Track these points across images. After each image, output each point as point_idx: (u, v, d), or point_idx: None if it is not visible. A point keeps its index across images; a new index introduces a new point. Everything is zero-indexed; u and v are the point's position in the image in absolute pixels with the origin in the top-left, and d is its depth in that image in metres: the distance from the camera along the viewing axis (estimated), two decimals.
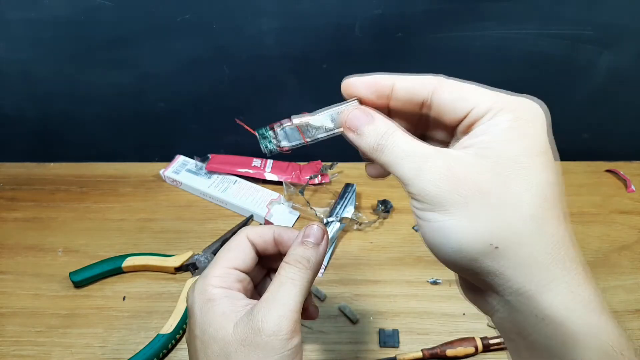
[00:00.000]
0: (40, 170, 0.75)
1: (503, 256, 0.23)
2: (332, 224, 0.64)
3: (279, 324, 0.28)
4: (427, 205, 0.24)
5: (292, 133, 0.30)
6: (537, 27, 0.63)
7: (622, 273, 0.61)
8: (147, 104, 0.72)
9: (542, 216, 0.23)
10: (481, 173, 0.24)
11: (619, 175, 0.75)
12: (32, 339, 0.53)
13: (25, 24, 0.62)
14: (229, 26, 0.63)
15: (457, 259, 0.24)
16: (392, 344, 0.53)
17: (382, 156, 0.26)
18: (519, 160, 0.24)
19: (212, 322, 0.29)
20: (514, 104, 0.25)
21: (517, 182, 0.23)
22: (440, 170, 0.24)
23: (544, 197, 0.24)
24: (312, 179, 0.71)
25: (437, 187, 0.24)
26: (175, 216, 0.68)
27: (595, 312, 0.23)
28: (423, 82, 0.27)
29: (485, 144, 0.24)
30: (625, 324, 0.55)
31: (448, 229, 0.24)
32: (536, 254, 0.23)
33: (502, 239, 0.23)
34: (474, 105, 0.25)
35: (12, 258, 0.62)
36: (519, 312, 0.24)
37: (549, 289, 0.23)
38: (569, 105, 0.73)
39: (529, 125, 0.24)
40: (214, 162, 0.73)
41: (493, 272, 0.24)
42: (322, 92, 0.75)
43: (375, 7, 0.60)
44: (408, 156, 0.25)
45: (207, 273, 0.32)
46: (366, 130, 0.27)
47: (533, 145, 0.24)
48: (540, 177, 0.24)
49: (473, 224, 0.23)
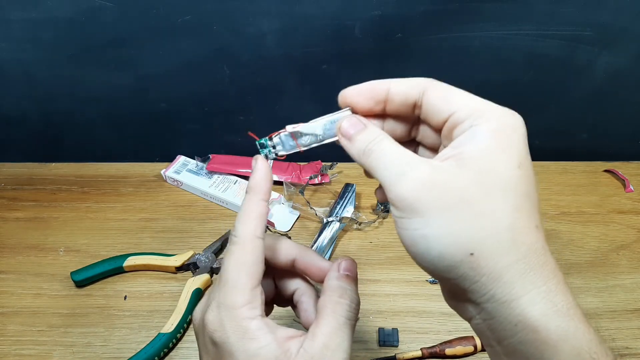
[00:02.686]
0: (41, 170, 0.75)
1: (480, 264, 0.24)
2: (332, 224, 0.64)
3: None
4: (406, 213, 0.25)
5: (287, 141, 0.32)
6: (536, 27, 0.64)
7: (621, 273, 0.61)
8: (148, 105, 0.72)
9: (518, 226, 0.24)
10: (462, 183, 0.24)
11: (618, 175, 0.75)
12: (33, 338, 0.54)
13: (27, 24, 0.62)
14: (230, 27, 0.63)
15: (436, 266, 0.25)
16: (392, 343, 0.53)
17: (368, 160, 0.27)
18: (499, 171, 0.24)
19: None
20: (496, 112, 0.25)
21: (496, 193, 0.24)
22: (422, 177, 0.24)
23: (521, 208, 0.24)
24: (312, 179, 0.72)
25: (417, 194, 0.24)
26: (176, 216, 0.68)
27: (568, 318, 0.24)
28: (415, 83, 0.28)
29: (466, 154, 0.25)
30: (624, 323, 0.55)
31: (427, 237, 0.24)
32: (512, 262, 0.24)
33: (479, 247, 0.24)
34: (456, 108, 0.26)
35: (13, 257, 0.62)
36: (495, 318, 0.25)
37: (523, 296, 0.24)
38: (567, 106, 0.73)
39: (511, 136, 0.25)
40: (214, 162, 0.73)
41: (470, 280, 0.24)
42: (322, 93, 0.76)
43: (375, 8, 0.61)
44: (392, 162, 0.26)
45: (232, 299, 0.28)
46: (358, 137, 0.28)
47: (513, 156, 0.25)
48: (518, 189, 0.24)
49: (452, 233, 0.24)
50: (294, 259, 0.33)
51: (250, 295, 0.28)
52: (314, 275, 0.33)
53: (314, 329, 0.29)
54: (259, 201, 0.30)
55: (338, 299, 0.30)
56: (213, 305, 0.29)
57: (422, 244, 0.25)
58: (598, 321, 0.56)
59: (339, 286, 0.31)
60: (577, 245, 0.65)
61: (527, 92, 0.71)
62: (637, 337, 0.54)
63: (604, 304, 0.58)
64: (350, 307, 0.30)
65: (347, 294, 0.30)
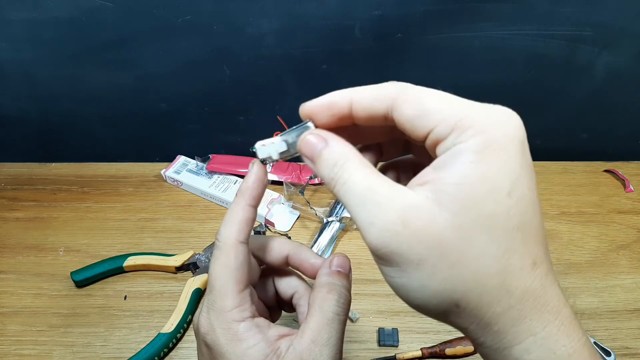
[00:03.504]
0: (41, 170, 0.75)
1: (466, 314, 0.22)
2: (332, 224, 0.64)
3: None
4: (381, 260, 0.23)
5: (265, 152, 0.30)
6: (536, 27, 0.64)
7: (621, 272, 0.61)
8: (148, 105, 0.72)
9: (509, 270, 0.21)
10: (438, 226, 0.21)
11: (618, 175, 0.75)
12: (33, 338, 0.54)
13: (27, 24, 0.62)
14: (230, 27, 0.63)
15: (424, 312, 0.23)
16: (392, 343, 0.53)
17: (337, 192, 0.24)
18: (482, 207, 0.21)
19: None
20: (484, 122, 0.21)
21: (480, 236, 0.21)
22: (394, 224, 0.21)
23: (513, 247, 0.21)
24: (312, 179, 0.72)
25: (390, 245, 0.21)
26: (176, 216, 0.68)
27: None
28: (380, 95, 0.24)
29: (445, 185, 0.21)
30: (623, 323, 0.55)
31: (407, 286, 0.22)
32: (503, 310, 0.21)
33: (464, 299, 0.21)
34: (435, 124, 0.22)
35: (13, 257, 0.62)
36: (489, 358, 0.24)
37: (515, 346, 0.22)
38: (567, 106, 0.74)
39: (499, 154, 0.21)
40: (214, 162, 0.73)
41: (460, 326, 0.23)
42: (321, 93, 0.75)
43: (375, 8, 0.61)
44: (359, 202, 0.22)
45: (220, 304, 0.28)
46: (320, 159, 0.25)
47: (501, 183, 0.21)
48: (507, 224, 0.21)
49: (431, 285, 0.21)
50: (288, 256, 0.33)
51: (237, 299, 0.28)
52: (307, 272, 0.33)
53: (303, 326, 0.29)
54: (245, 206, 0.29)
55: (325, 294, 0.29)
56: (204, 309, 0.29)
57: (403, 293, 0.23)
58: (598, 321, 0.56)
59: (327, 282, 0.30)
60: (577, 245, 0.65)
61: (527, 92, 0.71)
62: (637, 337, 0.54)
63: (604, 304, 0.58)
64: (338, 302, 0.29)
65: (336, 289, 0.30)
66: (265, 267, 0.34)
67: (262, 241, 0.33)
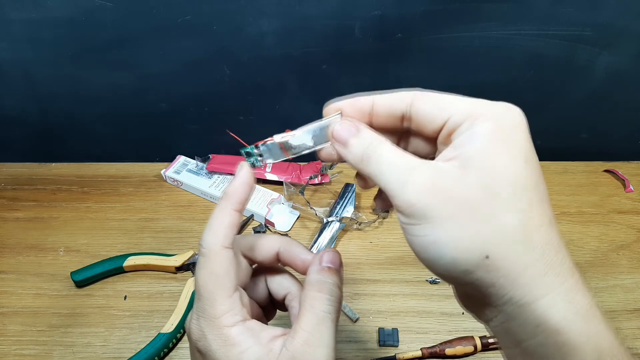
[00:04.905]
0: (41, 170, 0.75)
1: (496, 267, 0.23)
2: (332, 224, 0.64)
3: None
4: (414, 219, 0.24)
5: (274, 149, 0.31)
6: (536, 27, 0.64)
7: (621, 272, 0.61)
8: (148, 105, 0.72)
9: (532, 224, 0.23)
10: (467, 185, 0.23)
11: (618, 175, 0.75)
12: (33, 338, 0.54)
13: (27, 24, 0.62)
14: (230, 27, 0.63)
15: (451, 271, 0.24)
16: (392, 343, 0.53)
17: (368, 167, 0.26)
18: (504, 170, 0.23)
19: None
20: (494, 109, 0.25)
21: (505, 193, 0.23)
22: (426, 182, 0.24)
23: (533, 205, 0.24)
24: (312, 179, 0.72)
25: (423, 201, 0.23)
26: (176, 216, 0.68)
27: (588, 319, 0.23)
28: (400, 96, 0.27)
29: (469, 155, 0.24)
30: (623, 323, 0.55)
31: (438, 242, 0.24)
32: (529, 263, 0.23)
33: (494, 250, 0.23)
34: (451, 113, 0.25)
35: (13, 257, 0.62)
36: (514, 320, 0.24)
37: (542, 297, 0.23)
38: (567, 106, 0.73)
39: (512, 132, 0.24)
40: (214, 162, 0.73)
41: (487, 283, 0.24)
42: (321, 93, 0.75)
43: (375, 8, 0.61)
44: (394, 168, 0.25)
45: (210, 311, 0.28)
46: (353, 142, 0.27)
47: (518, 152, 0.24)
48: (527, 185, 0.24)
49: (464, 237, 0.23)
50: (278, 253, 0.32)
51: (227, 304, 0.28)
52: (299, 269, 0.32)
53: (295, 326, 0.28)
54: (230, 211, 0.29)
55: (316, 293, 0.29)
56: (194, 316, 0.29)
57: (433, 251, 0.24)
58: None
59: (317, 280, 0.30)
60: (577, 245, 0.65)
61: (527, 92, 0.71)
62: (637, 337, 0.54)
63: (604, 304, 0.58)
64: (329, 300, 0.29)
65: (326, 288, 0.29)
66: (256, 266, 0.34)
67: (251, 240, 0.33)
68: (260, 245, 0.32)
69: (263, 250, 0.32)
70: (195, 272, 0.29)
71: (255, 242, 0.32)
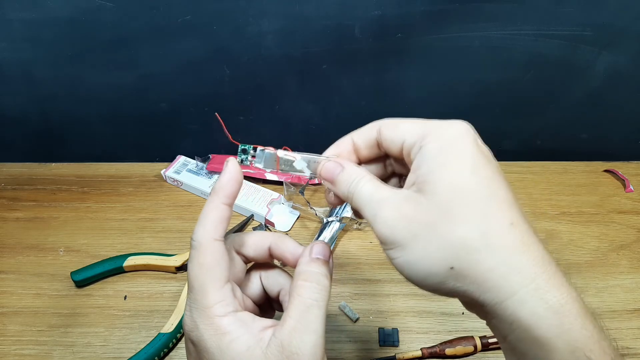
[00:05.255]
0: (41, 170, 0.75)
1: (462, 275, 0.25)
2: (332, 224, 0.64)
3: (314, 354, 0.28)
4: (388, 245, 0.27)
5: (270, 160, 0.33)
6: (536, 28, 0.64)
7: (621, 273, 0.61)
8: (148, 105, 0.72)
9: (490, 231, 0.25)
10: (425, 207, 0.26)
11: (618, 175, 0.75)
12: (33, 338, 0.54)
13: (27, 24, 0.62)
14: (230, 27, 0.63)
15: (429, 284, 0.27)
16: (392, 343, 0.53)
17: (353, 202, 0.30)
18: (452, 184, 0.26)
19: (238, 359, 0.28)
20: (439, 129, 0.27)
21: (456, 206, 0.25)
22: (392, 213, 0.27)
23: (487, 212, 0.25)
24: (312, 179, 0.71)
25: (390, 229, 0.27)
26: (176, 216, 0.68)
27: (560, 314, 0.24)
28: (371, 126, 0.31)
29: (422, 178, 0.27)
30: (623, 323, 0.55)
31: (410, 262, 0.26)
32: (492, 267, 0.25)
33: (455, 261, 0.25)
34: (405, 136, 0.28)
35: (13, 257, 0.62)
36: (494, 319, 0.26)
37: (511, 296, 0.24)
38: (567, 106, 0.73)
39: (454, 145, 0.26)
40: (214, 162, 0.73)
41: (462, 290, 0.26)
42: (322, 93, 0.76)
43: (375, 8, 0.61)
44: (368, 203, 0.28)
45: (201, 302, 0.29)
46: (339, 179, 0.30)
47: (462, 165, 0.26)
48: (477, 194, 0.26)
49: (428, 255, 0.26)
50: (270, 248, 0.33)
51: (218, 295, 0.29)
52: (290, 262, 0.33)
53: (284, 315, 0.29)
54: (219, 204, 0.30)
55: (303, 282, 0.30)
56: (187, 308, 0.30)
57: (408, 269, 0.27)
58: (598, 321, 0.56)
59: (305, 270, 0.31)
60: (577, 245, 0.65)
61: (527, 92, 0.71)
62: (637, 337, 0.54)
63: (604, 304, 0.58)
64: (316, 288, 0.30)
65: (313, 277, 0.30)
66: (252, 264, 0.35)
67: (243, 237, 0.33)
68: (252, 241, 0.33)
69: (255, 246, 0.33)
70: (187, 265, 0.30)
71: (246, 238, 0.33)
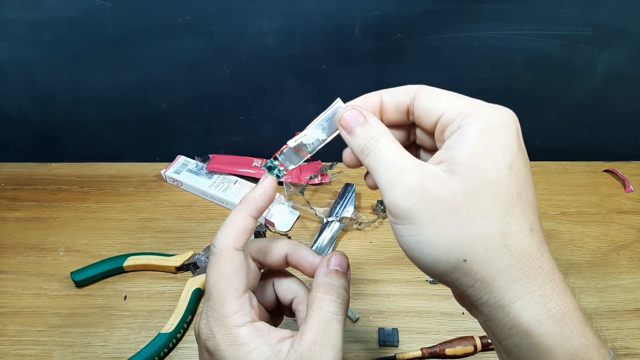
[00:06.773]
0: (41, 170, 0.75)
1: (473, 270, 0.24)
2: (332, 224, 0.64)
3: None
4: (400, 219, 0.25)
5: (291, 155, 0.32)
6: (536, 27, 0.64)
7: (621, 273, 0.61)
8: (148, 105, 0.72)
9: (510, 231, 0.24)
10: (451, 189, 0.24)
11: (618, 175, 0.75)
12: (33, 338, 0.54)
13: (27, 24, 0.62)
14: (230, 27, 0.63)
15: (433, 270, 0.25)
16: (392, 343, 0.53)
17: (366, 160, 0.27)
18: (487, 175, 0.24)
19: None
20: (484, 111, 0.25)
21: (485, 200, 0.24)
22: (414, 185, 0.25)
23: (512, 212, 0.24)
24: (312, 179, 0.72)
25: (408, 203, 0.25)
26: (176, 216, 0.68)
27: (562, 323, 0.24)
28: (405, 90, 0.28)
29: (456, 159, 0.25)
30: (623, 323, 0.55)
31: (420, 243, 0.25)
32: (504, 268, 0.24)
33: (471, 254, 0.24)
34: (444, 110, 0.26)
35: (13, 258, 0.62)
36: (491, 321, 0.25)
37: (515, 302, 0.24)
38: (567, 106, 0.73)
39: (499, 135, 0.25)
40: (214, 162, 0.73)
41: (465, 284, 0.25)
42: (322, 93, 0.76)
43: (375, 8, 0.61)
44: (388, 166, 0.26)
45: (219, 311, 0.28)
46: (358, 131, 0.28)
47: (503, 157, 0.24)
48: (508, 192, 0.24)
49: (443, 241, 0.24)
50: (286, 255, 0.33)
51: (236, 305, 0.29)
52: (306, 271, 0.33)
53: (302, 327, 0.29)
54: (246, 215, 0.30)
55: (323, 295, 0.30)
56: (204, 316, 0.30)
57: (416, 250, 0.25)
58: (598, 321, 0.56)
59: (324, 282, 0.30)
60: (577, 245, 0.65)
61: (527, 92, 0.71)
62: (637, 337, 0.54)
63: (604, 304, 0.58)
64: (336, 302, 0.29)
65: (333, 289, 0.30)
66: (265, 270, 0.34)
67: (260, 244, 0.33)
68: (270, 248, 0.33)
69: (272, 253, 0.33)
70: (207, 271, 0.30)
71: (264, 245, 0.33)
